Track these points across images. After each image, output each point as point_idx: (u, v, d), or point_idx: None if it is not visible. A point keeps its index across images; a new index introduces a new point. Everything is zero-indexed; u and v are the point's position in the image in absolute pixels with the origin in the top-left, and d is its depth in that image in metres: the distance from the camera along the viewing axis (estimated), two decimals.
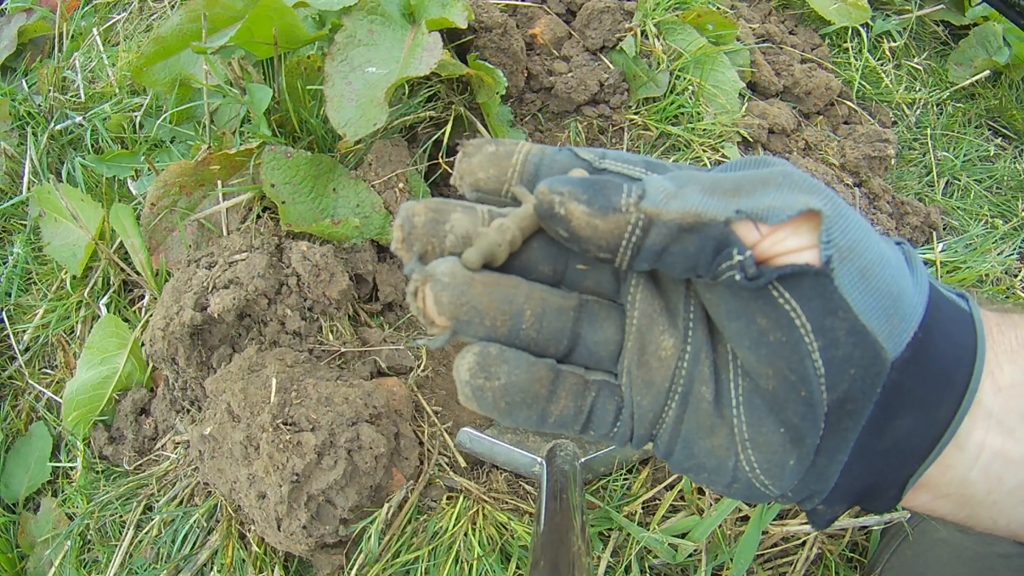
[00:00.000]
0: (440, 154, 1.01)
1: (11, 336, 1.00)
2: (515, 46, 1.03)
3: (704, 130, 1.07)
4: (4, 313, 1.01)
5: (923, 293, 0.29)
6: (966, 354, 0.29)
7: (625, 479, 0.76)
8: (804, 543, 0.72)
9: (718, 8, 1.18)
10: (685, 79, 1.09)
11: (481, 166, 0.32)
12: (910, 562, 0.65)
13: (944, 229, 1.15)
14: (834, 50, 1.32)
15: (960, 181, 1.23)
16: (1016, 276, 1.08)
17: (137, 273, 0.93)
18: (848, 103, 1.26)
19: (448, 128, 0.99)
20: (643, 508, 0.74)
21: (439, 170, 1.03)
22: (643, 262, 0.28)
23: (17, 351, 0.98)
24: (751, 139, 1.09)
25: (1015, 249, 1.12)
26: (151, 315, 0.85)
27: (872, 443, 0.29)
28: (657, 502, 0.75)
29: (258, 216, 0.91)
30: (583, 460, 0.72)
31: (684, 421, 0.31)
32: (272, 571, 0.72)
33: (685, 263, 0.28)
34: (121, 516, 0.80)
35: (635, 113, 1.09)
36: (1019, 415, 0.29)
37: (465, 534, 0.72)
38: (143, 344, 0.83)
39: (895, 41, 1.37)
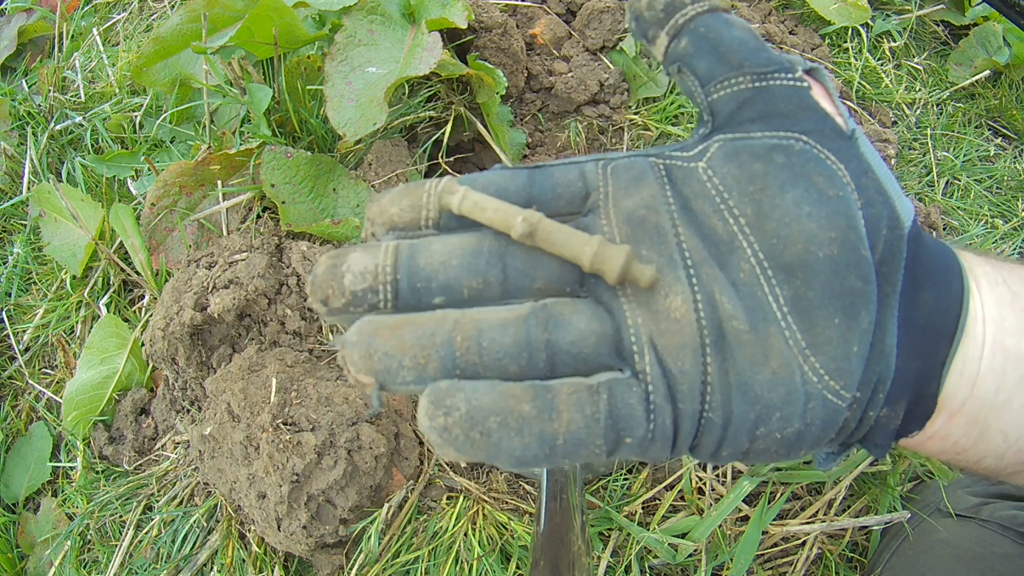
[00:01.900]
0: (440, 154, 1.01)
1: (11, 336, 1.00)
2: (515, 46, 1.03)
3: None
4: (4, 313, 1.01)
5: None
6: (950, 253, 0.32)
7: (625, 479, 0.76)
8: (804, 543, 0.72)
9: None
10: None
11: (392, 201, 0.30)
12: (910, 563, 0.65)
13: (944, 229, 1.15)
14: (834, 50, 1.32)
15: (960, 181, 1.23)
16: None
17: (137, 273, 0.93)
18: (848, 103, 1.26)
19: (448, 128, 0.99)
20: (643, 508, 0.74)
21: (439, 170, 1.03)
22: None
23: (17, 351, 0.98)
24: None
25: (1015, 249, 1.12)
26: (151, 315, 0.85)
27: (909, 317, 0.29)
28: (657, 502, 0.75)
29: (258, 216, 0.91)
30: None
31: (730, 369, 0.27)
32: (272, 571, 0.72)
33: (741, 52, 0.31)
34: (121, 516, 0.80)
35: (635, 113, 1.09)
36: (996, 304, 0.31)
37: (465, 534, 0.72)
38: (143, 344, 0.83)
39: (895, 41, 1.37)
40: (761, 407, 0.27)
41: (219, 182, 0.91)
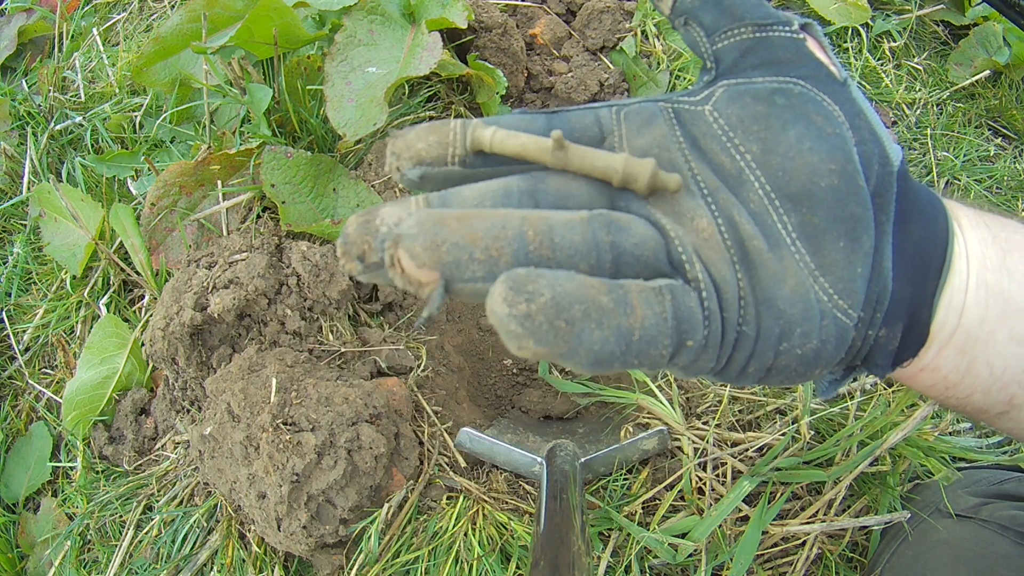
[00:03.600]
0: None
1: (11, 336, 1.00)
2: (515, 46, 1.03)
3: None
4: (4, 313, 1.01)
5: None
6: (935, 196, 0.34)
7: (625, 479, 0.76)
8: (804, 543, 0.72)
9: None
10: (685, 79, 1.09)
11: (419, 137, 0.30)
12: (910, 563, 0.65)
13: None
14: (834, 50, 1.32)
15: (960, 181, 1.23)
16: None
17: (137, 273, 0.93)
18: None
19: None
20: (643, 508, 0.74)
21: None
22: None
23: (17, 351, 0.98)
24: None
25: None
26: (151, 315, 0.85)
27: (901, 246, 0.31)
28: (657, 502, 0.75)
29: (258, 216, 0.91)
30: (583, 460, 0.72)
31: (756, 284, 0.29)
32: (272, 571, 0.72)
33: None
34: (121, 516, 0.80)
35: None
36: (979, 243, 0.33)
37: (465, 534, 0.72)
38: (143, 344, 0.83)
39: (895, 41, 1.37)
40: (785, 322, 0.28)
41: (219, 182, 0.91)
